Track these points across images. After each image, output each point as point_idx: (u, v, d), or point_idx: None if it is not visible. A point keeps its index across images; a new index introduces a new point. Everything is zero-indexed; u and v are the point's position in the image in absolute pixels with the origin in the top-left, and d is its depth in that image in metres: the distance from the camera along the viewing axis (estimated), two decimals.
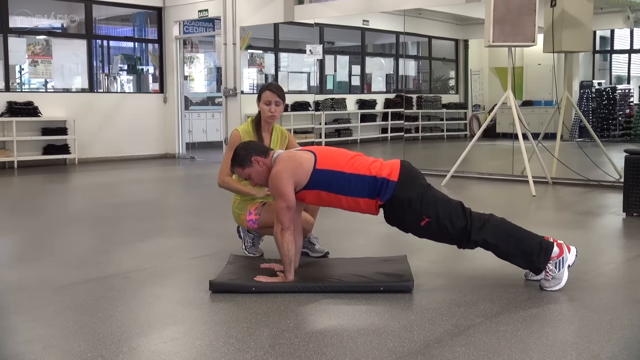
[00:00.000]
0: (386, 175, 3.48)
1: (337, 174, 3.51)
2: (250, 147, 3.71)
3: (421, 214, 3.45)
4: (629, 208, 5.75)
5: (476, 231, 3.44)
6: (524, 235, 3.51)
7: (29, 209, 6.75)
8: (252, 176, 3.69)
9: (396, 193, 3.45)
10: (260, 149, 3.71)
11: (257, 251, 4.34)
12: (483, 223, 3.47)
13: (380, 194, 3.47)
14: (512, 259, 3.53)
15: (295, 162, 3.55)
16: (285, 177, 3.50)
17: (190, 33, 13.31)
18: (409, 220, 3.52)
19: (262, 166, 3.64)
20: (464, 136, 13.68)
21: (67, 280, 3.86)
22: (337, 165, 3.53)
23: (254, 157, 3.63)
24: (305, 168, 3.53)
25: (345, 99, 13.34)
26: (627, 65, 11.83)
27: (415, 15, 11.62)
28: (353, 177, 3.50)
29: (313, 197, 3.62)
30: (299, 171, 3.52)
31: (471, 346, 2.74)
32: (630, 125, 11.20)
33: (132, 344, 2.81)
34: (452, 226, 3.45)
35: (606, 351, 2.68)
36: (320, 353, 2.67)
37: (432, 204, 3.48)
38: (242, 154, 3.67)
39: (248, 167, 3.65)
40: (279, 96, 4.22)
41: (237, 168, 3.71)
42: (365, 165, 3.53)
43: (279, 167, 3.55)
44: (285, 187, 3.49)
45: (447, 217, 3.46)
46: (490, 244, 3.48)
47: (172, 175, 10.22)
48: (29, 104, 10.68)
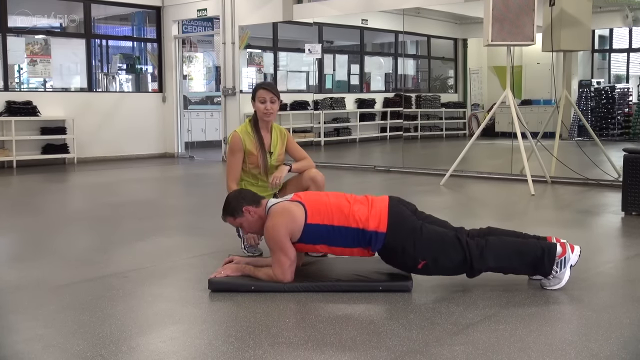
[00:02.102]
0: (374, 227, 3.41)
1: (328, 227, 3.46)
2: (241, 197, 3.70)
3: (417, 258, 3.42)
4: (627, 207, 5.75)
5: (477, 260, 3.41)
6: (525, 248, 3.48)
7: (28, 209, 6.75)
8: (243, 225, 3.71)
9: (387, 243, 3.43)
10: (251, 198, 3.68)
11: (256, 250, 4.34)
12: (481, 251, 3.41)
13: (371, 245, 3.45)
14: (519, 272, 3.55)
15: (289, 217, 3.47)
16: (283, 232, 3.45)
17: (189, 32, 13.30)
18: (405, 264, 3.51)
19: (253, 216, 3.63)
20: (463, 135, 13.69)
21: (66, 279, 3.86)
22: (326, 218, 3.46)
23: (245, 207, 3.62)
24: (298, 223, 3.46)
25: (344, 98, 13.34)
26: (625, 64, 11.85)
27: (414, 14, 11.63)
28: (342, 230, 3.45)
29: (308, 248, 3.61)
30: (293, 225, 3.46)
31: (470, 345, 2.74)
32: (629, 124, 11.22)
33: (131, 343, 2.81)
34: (451, 262, 3.44)
35: (605, 350, 2.68)
36: (320, 352, 2.67)
37: (426, 245, 3.42)
38: (233, 204, 3.67)
39: (239, 217, 3.65)
40: (274, 93, 4.23)
41: (228, 217, 3.71)
42: (353, 216, 3.44)
43: (274, 220, 3.49)
44: (284, 241, 3.46)
45: (445, 255, 3.43)
46: (494, 268, 3.48)
47: (171, 174, 10.22)
48: (27, 103, 10.67)
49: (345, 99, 13.33)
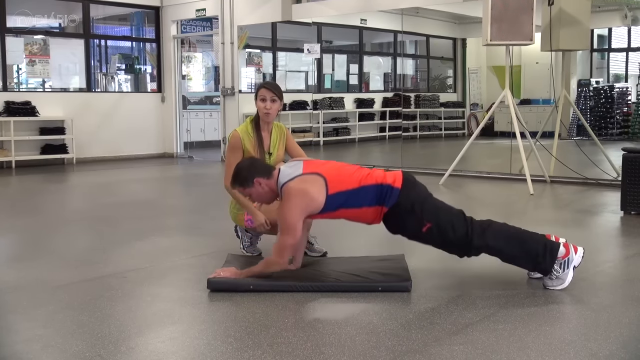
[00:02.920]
0: (390, 182, 3.50)
1: (348, 192, 3.50)
2: (253, 167, 3.65)
3: (423, 219, 3.47)
4: (626, 206, 5.76)
5: (478, 236, 3.45)
6: (527, 237, 3.51)
7: (27, 209, 6.74)
8: (253, 196, 3.68)
9: (400, 199, 3.48)
10: (263, 170, 3.63)
11: (255, 250, 4.34)
12: (484, 229, 3.48)
13: (385, 200, 3.48)
14: (518, 261, 3.53)
15: (309, 199, 3.46)
16: (299, 214, 3.46)
17: (187, 32, 13.30)
18: (411, 225, 3.52)
19: (264, 187, 3.59)
20: (462, 135, 13.68)
21: (65, 279, 3.85)
22: (345, 184, 3.51)
23: (257, 178, 3.57)
24: (318, 202, 3.47)
25: (343, 98, 13.33)
26: (624, 64, 11.84)
27: (413, 14, 11.62)
28: (362, 190, 3.50)
29: (320, 217, 3.62)
30: (312, 205, 3.47)
31: (469, 345, 2.74)
32: (628, 124, 11.22)
33: (130, 344, 2.81)
34: (453, 232, 3.46)
35: (604, 349, 2.68)
36: (319, 352, 2.67)
37: (434, 210, 3.52)
38: (244, 174, 3.61)
39: (249, 188, 3.61)
40: (275, 93, 4.19)
41: (238, 187, 3.66)
42: (370, 175, 3.54)
43: (292, 202, 3.45)
44: (297, 223, 3.46)
45: (449, 223, 3.47)
46: (494, 248, 3.48)
47: (170, 174, 10.21)
48: (26, 103, 10.66)
49: (344, 99, 13.33)
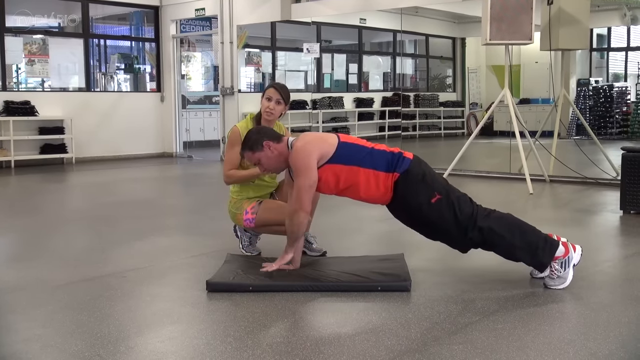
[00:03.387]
0: (403, 152, 3.62)
1: (360, 147, 3.60)
2: (262, 132, 3.68)
3: (433, 189, 3.51)
4: (626, 205, 5.76)
5: (482, 218, 3.49)
6: (529, 229, 3.53)
7: (26, 209, 6.74)
8: (262, 161, 3.63)
9: (411, 167, 3.54)
10: (272, 134, 3.67)
11: (255, 250, 4.34)
12: (489, 212, 3.55)
13: (397, 166, 3.53)
14: (517, 251, 3.50)
15: (320, 138, 3.62)
16: (311, 151, 3.48)
17: (187, 32, 13.30)
18: (421, 195, 3.51)
19: (273, 151, 3.59)
20: (462, 134, 13.70)
21: (64, 279, 3.85)
22: (357, 141, 3.65)
23: (266, 141, 3.58)
24: (330, 142, 3.55)
25: (343, 97, 13.34)
26: (624, 63, 11.85)
27: (412, 13, 11.63)
28: (374, 150, 3.59)
29: (331, 175, 3.54)
30: (324, 145, 3.53)
31: (469, 344, 2.74)
32: (627, 123, 11.23)
33: (129, 343, 2.81)
34: (459, 209, 3.48)
35: (603, 349, 2.68)
36: (318, 352, 2.67)
37: (444, 184, 3.61)
38: (253, 138, 3.61)
39: (259, 152, 3.59)
40: (281, 95, 4.16)
41: (247, 151, 3.64)
42: (383, 146, 3.66)
43: (303, 142, 3.53)
44: (311, 161, 3.47)
45: (456, 200, 3.52)
46: (496, 232, 3.47)
47: (170, 174, 10.21)
48: (25, 103, 10.66)
49: (344, 98, 13.33)
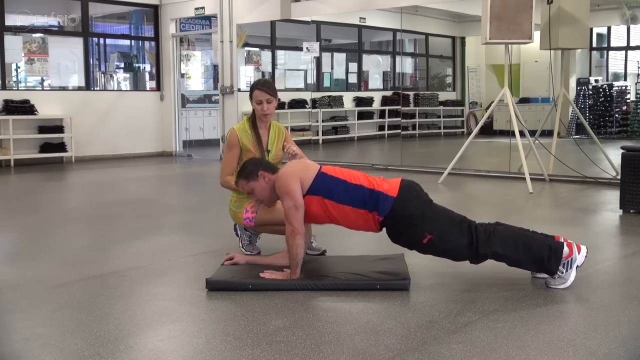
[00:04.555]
0: (385, 190, 3.49)
1: (338, 180, 3.55)
2: (259, 162, 3.78)
3: (423, 230, 3.43)
4: (625, 205, 5.76)
5: (483, 245, 3.42)
6: (532, 241, 3.48)
7: (26, 208, 6.74)
8: (255, 190, 3.71)
9: (395, 208, 3.45)
10: (268, 166, 3.76)
11: (254, 249, 4.34)
12: (489, 236, 3.43)
13: (378, 207, 3.47)
14: (524, 265, 3.53)
15: (302, 165, 3.68)
16: (292, 177, 3.55)
17: (186, 31, 13.29)
18: (411, 237, 3.51)
19: (267, 182, 3.67)
20: (461, 133, 13.70)
21: (64, 278, 3.85)
22: (339, 174, 3.59)
23: (261, 171, 3.66)
24: (310, 171, 3.59)
25: (342, 96, 13.34)
26: (623, 62, 11.85)
27: (412, 12, 11.62)
28: (352, 186, 3.52)
29: (317, 205, 3.58)
30: (305, 173, 3.57)
31: (468, 343, 2.74)
32: (627, 122, 11.23)
33: (129, 342, 2.81)
34: (456, 242, 3.44)
35: (603, 348, 2.68)
36: (317, 351, 2.67)
37: (435, 220, 3.46)
38: (250, 168, 3.71)
39: (253, 181, 3.67)
40: (269, 93, 4.22)
41: (242, 180, 3.72)
42: (366, 179, 3.57)
43: (285, 169, 3.63)
44: (292, 184, 3.52)
45: (451, 234, 3.44)
46: (500, 255, 3.46)
47: (169, 173, 10.21)
48: (25, 102, 10.66)
49: (344, 98, 13.33)
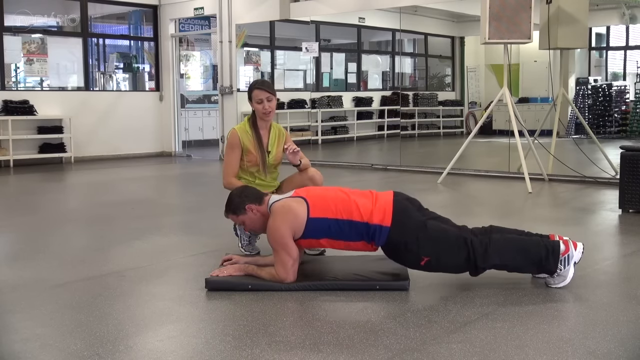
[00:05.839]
0: (378, 221, 3.41)
1: (331, 221, 3.45)
2: (244, 195, 3.70)
3: (419, 254, 3.42)
4: (624, 204, 5.76)
5: (481, 258, 3.41)
6: (528, 245, 3.47)
7: (25, 208, 6.74)
8: (246, 223, 3.70)
9: (391, 238, 3.42)
10: (254, 196, 3.68)
11: (254, 249, 4.34)
12: (485, 248, 3.41)
13: (375, 239, 3.45)
14: (524, 270, 3.54)
15: (292, 214, 3.45)
16: (285, 231, 3.44)
17: (186, 31, 13.29)
18: (408, 260, 3.51)
19: (255, 213, 3.64)
20: (460, 133, 13.70)
21: (63, 278, 3.85)
22: (329, 211, 3.46)
23: (248, 205, 3.63)
24: (300, 219, 3.45)
25: (342, 96, 13.34)
26: (622, 62, 11.85)
27: (411, 12, 11.63)
28: (346, 223, 3.43)
29: (310, 243, 3.60)
30: (295, 223, 3.45)
31: (467, 343, 2.74)
32: (626, 122, 11.23)
33: (128, 342, 2.81)
34: (454, 260, 3.44)
35: (602, 347, 2.68)
36: (317, 350, 2.67)
37: (430, 242, 3.42)
38: (236, 201, 3.68)
39: (242, 215, 3.66)
40: (269, 92, 4.23)
41: (231, 215, 3.73)
42: (357, 209, 3.44)
43: (276, 220, 3.47)
44: (287, 241, 3.45)
45: (448, 252, 3.43)
46: (499, 265, 3.47)
47: (169, 173, 10.21)
48: (24, 102, 10.66)
49: (343, 98, 13.33)
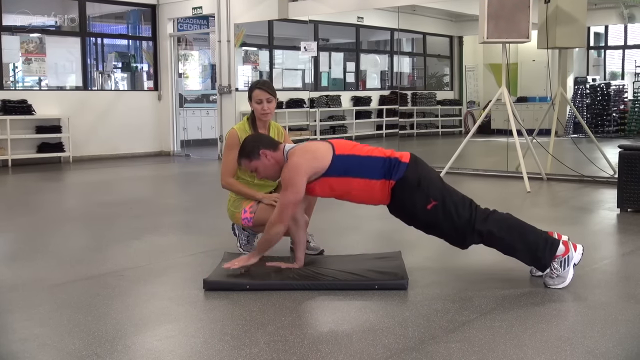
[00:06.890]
0: (398, 156, 3.56)
1: (354, 157, 3.54)
2: (259, 140, 3.68)
3: (429, 196, 3.47)
4: (623, 203, 5.77)
5: (480, 222, 3.45)
6: (528, 230, 3.51)
7: (24, 208, 6.73)
8: (258, 169, 3.64)
9: (407, 173, 3.50)
10: (269, 142, 3.66)
11: (252, 249, 4.33)
12: (487, 215, 3.50)
13: (392, 173, 3.49)
14: (517, 253, 3.51)
15: (314, 153, 3.53)
16: (303, 170, 3.47)
17: (184, 30, 13.28)
18: (417, 201, 3.50)
19: (270, 160, 3.59)
20: (459, 132, 13.72)
21: (61, 278, 3.85)
22: (354, 150, 3.58)
23: (263, 150, 3.58)
24: (324, 156, 3.51)
25: (340, 96, 13.34)
26: (621, 61, 11.87)
27: (410, 11, 11.64)
28: (367, 159, 3.54)
29: (326, 187, 3.57)
30: (316, 163, 3.49)
31: (466, 342, 2.74)
32: (624, 121, 11.25)
33: (126, 342, 2.81)
34: (457, 214, 3.46)
35: (600, 347, 2.68)
36: (315, 350, 2.67)
37: (440, 188, 3.54)
38: (250, 146, 3.62)
39: (255, 160, 3.60)
40: (269, 93, 4.23)
41: (244, 160, 3.65)
42: (379, 150, 3.61)
43: (297, 158, 3.50)
44: (299, 179, 3.45)
45: (453, 205, 3.48)
46: (495, 235, 3.47)
47: (167, 172, 10.21)
48: (22, 102, 10.65)
49: (341, 97, 13.34)
